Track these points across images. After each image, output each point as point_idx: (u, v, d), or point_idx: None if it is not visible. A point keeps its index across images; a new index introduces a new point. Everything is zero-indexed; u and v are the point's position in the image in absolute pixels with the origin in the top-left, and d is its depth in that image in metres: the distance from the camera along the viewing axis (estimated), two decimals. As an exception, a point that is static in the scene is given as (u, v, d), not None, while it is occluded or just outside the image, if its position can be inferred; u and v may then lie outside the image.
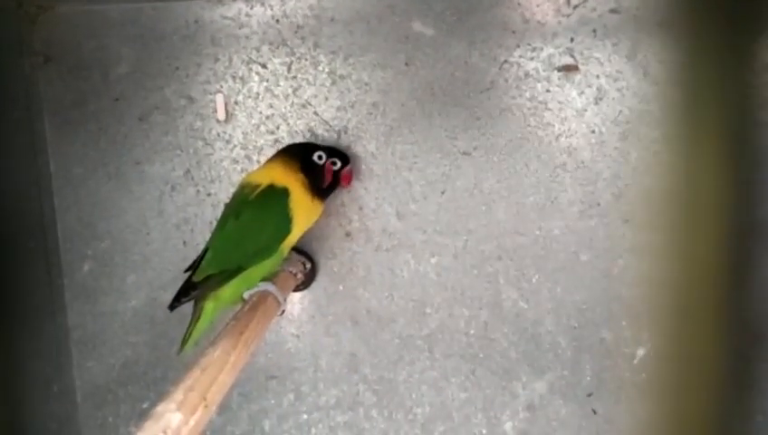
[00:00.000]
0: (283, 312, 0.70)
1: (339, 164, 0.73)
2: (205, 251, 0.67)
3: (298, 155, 0.69)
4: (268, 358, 0.82)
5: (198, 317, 0.65)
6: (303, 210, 0.67)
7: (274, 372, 0.82)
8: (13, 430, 0.73)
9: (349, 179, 0.75)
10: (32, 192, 0.77)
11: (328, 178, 0.71)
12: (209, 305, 0.65)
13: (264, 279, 0.66)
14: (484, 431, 0.81)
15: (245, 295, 0.65)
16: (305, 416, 0.82)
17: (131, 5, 0.76)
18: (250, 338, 0.53)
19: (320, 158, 0.70)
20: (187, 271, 0.69)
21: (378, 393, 0.81)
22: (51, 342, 0.80)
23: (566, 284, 0.78)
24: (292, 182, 0.67)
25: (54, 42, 0.77)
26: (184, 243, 0.80)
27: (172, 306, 0.65)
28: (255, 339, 0.54)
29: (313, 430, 0.82)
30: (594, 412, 0.80)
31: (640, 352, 0.79)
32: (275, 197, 0.65)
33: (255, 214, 0.64)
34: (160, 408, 0.39)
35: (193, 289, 0.64)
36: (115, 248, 0.80)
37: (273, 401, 0.82)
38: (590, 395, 0.80)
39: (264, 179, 0.66)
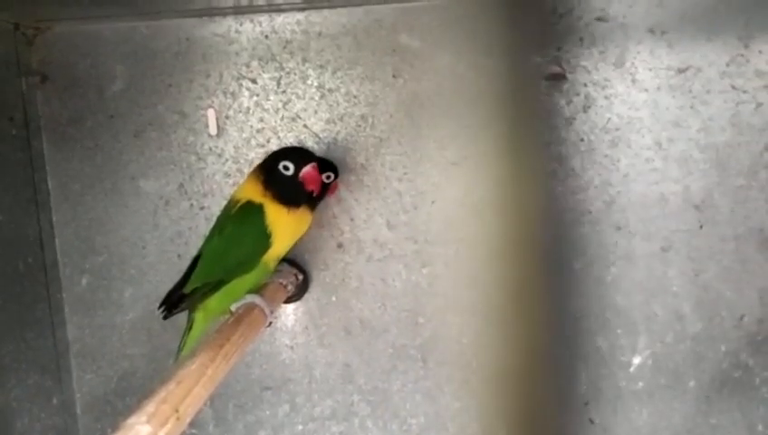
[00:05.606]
0: (271, 324, 0.70)
1: (332, 177, 0.74)
2: (194, 263, 0.68)
3: (264, 168, 0.67)
4: (263, 369, 0.82)
5: (191, 327, 0.67)
6: (283, 224, 0.66)
7: (269, 383, 0.82)
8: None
9: (334, 190, 0.76)
10: (30, 208, 0.79)
11: (310, 187, 0.65)
12: (199, 316, 0.67)
13: (252, 291, 0.67)
14: (478, 441, 0.80)
15: (233, 307, 0.65)
16: (300, 427, 0.83)
17: (125, 24, 0.78)
18: (230, 351, 0.54)
19: (285, 168, 0.65)
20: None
21: (372, 404, 0.81)
22: (51, 355, 0.81)
23: (560, 292, 0.78)
24: (263, 198, 0.65)
25: (51, 61, 0.79)
26: (178, 256, 0.81)
27: (166, 316, 0.66)
28: (237, 352, 0.55)
29: (309, 441, 0.83)
30: (591, 422, 0.80)
31: (636, 360, 0.79)
32: (252, 213, 0.65)
33: (235, 229, 0.65)
34: (131, 420, 0.39)
35: (182, 300, 0.65)
36: (112, 262, 0.82)
37: (268, 412, 0.83)
38: (586, 404, 0.79)
39: (243, 195, 0.67)
